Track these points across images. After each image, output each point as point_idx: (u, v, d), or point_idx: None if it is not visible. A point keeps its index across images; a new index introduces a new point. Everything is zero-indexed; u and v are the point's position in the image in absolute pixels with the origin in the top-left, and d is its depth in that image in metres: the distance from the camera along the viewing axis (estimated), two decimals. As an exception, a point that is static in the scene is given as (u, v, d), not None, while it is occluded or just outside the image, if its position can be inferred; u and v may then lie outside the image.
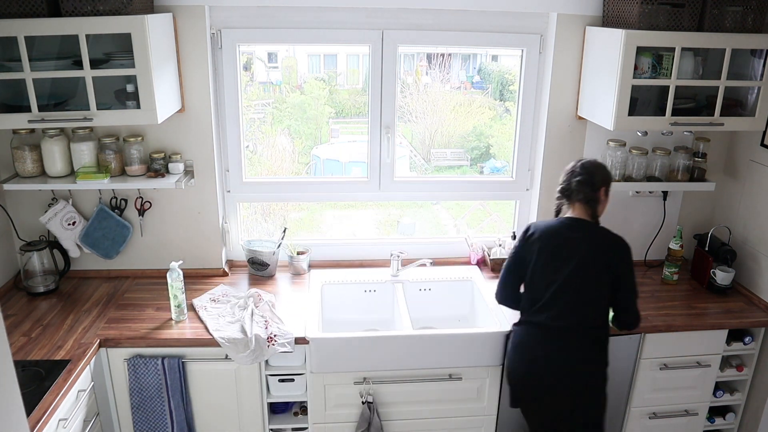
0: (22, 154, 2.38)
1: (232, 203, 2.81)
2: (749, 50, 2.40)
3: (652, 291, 2.70)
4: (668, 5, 2.28)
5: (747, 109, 2.47)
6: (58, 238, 2.60)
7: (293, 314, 2.43)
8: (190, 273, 2.68)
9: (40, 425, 1.77)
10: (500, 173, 3.33)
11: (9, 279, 2.63)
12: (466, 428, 2.49)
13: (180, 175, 2.53)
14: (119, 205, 2.66)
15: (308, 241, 2.93)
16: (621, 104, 2.32)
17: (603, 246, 2.13)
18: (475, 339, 2.33)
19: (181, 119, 2.54)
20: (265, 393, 2.38)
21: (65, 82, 2.28)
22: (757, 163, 2.63)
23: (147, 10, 2.27)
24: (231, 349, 2.23)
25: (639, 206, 2.89)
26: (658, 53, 2.35)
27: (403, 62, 2.92)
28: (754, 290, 2.64)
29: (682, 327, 2.44)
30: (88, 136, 2.44)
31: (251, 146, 3.22)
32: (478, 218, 4.35)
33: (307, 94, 3.69)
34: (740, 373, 2.60)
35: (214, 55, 2.55)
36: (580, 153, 2.76)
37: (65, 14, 2.10)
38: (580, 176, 2.16)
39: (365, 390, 2.35)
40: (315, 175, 4.17)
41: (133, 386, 2.27)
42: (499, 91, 3.56)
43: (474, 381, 2.40)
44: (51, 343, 2.18)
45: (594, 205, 2.16)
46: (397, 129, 2.74)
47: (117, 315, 2.40)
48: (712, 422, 2.70)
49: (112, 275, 2.74)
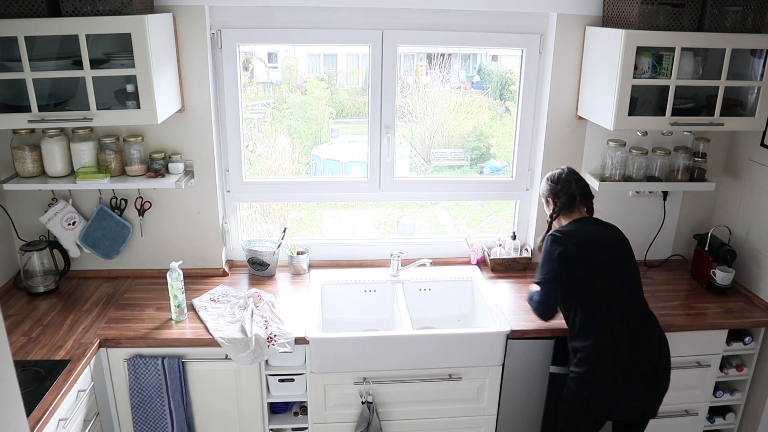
0: (22, 154, 2.38)
1: (232, 203, 2.81)
2: (749, 50, 2.40)
3: (652, 291, 2.70)
4: (668, 5, 2.28)
5: (747, 109, 2.47)
6: (58, 238, 2.60)
7: (293, 314, 2.43)
8: (190, 273, 2.68)
9: (40, 425, 1.77)
10: (500, 173, 3.33)
11: (9, 279, 2.63)
12: (466, 428, 2.49)
13: (180, 175, 2.53)
14: (119, 205, 2.66)
15: (308, 241, 2.93)
16: (621, 104, 2.32)
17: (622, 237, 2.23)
18: (475, 339, 2.33)
19: (181, 119, 2.55)
20: (265, 393, 2.38)
21: (65, 82, 2.28)
22: (757, 163, 2.63)
23: (147, 10, 2.27)
24: (231, 349, 2.23)
25: (639, 206, 2.89)
26: (658, 53, 2.35)
27: (403, 62, 2.92)
28: (754, 290, 2.64)
29: (682, 327, 2.44)
30: (88, 136, 2.44)
31: (251, 146, 3.22)
32: (478, 218, 4.35)
33: (309, 94, 3.69)
34: (740, 373, 2.60)
35: (214, 55, 2.55)
36: (580, 153, 2.76)
37: (65, 14, 2.10)
38: (578, 180, 2.24)
39: (365, 390, 2.35)
40: (315, 175, 4.17)
41: (133, 386, 2.27)
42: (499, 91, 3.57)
43: (474, 381, 2.40)
44: (51, 343, 2.18)
45: (592, 205, 2.26)
46: (397, 129, 2.74)
47: (117, 315, 2.40)
48: (712, 422, 2.71)
49: (112, 275, 2.74)
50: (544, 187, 2.29)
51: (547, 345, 2.40)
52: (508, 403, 2.48)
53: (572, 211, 2.23)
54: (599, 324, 2.10)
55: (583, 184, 2.24)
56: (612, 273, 2.14)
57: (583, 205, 2.23)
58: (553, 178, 2.26)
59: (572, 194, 2.21)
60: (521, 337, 2.37)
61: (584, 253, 2.13)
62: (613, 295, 2.12)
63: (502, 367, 2.40)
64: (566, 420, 2.24)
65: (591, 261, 2.13)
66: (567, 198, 2.21)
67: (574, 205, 2.22)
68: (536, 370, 2.43)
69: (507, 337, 2.35)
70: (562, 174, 2.25)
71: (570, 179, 2.23)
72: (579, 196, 2.21)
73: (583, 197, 2.23)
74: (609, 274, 2.14)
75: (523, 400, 2.48)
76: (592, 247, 2.15)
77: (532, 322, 2.39)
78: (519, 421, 2.53)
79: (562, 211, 2.23)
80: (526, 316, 2.44)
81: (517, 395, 2.47)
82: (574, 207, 2.22)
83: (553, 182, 2.25)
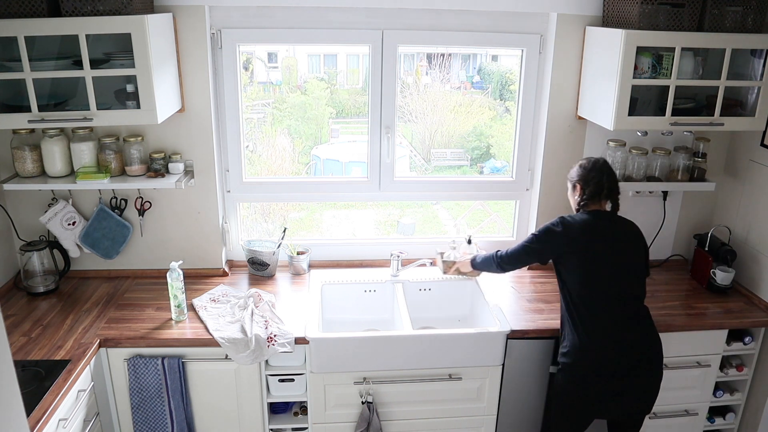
0: (22, 154, 2.38)
1: (232, 203, 2.81)
2: (749, 50, 2.40)
3: (653, 291, 2.69)
4: (668, 5, 2.28)
5: (747, 109, 2.47)
6: (58, 238, 2.60)
7: (293, 314, 2.43)
8: (190, 273, 2.68)
9: (40, 425, 1.77)
10: (500, 173, 3.33)
11: (9, 279, 2.63)
12: (466, 428, 2.49)
13: (180, 175, 2.53)
14: (119, 205, 2.66)
15: (308, 241, 2.93)
16: (621, 104, 2.32)
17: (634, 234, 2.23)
18: (475, 339, 2.33)
19: (181, 119, 2.54)
20: (265, 393, 2.38)
21: (65, 82, 2.28)
22: (757, 163, 2.63)
23: (147, 10, 2.27)
24: (231, 349, 2.23)
25: (639, 206, 2.89)
26: (658, 53, 2.35)
27: (403, 62, 2.92)
28: (754, 290, 2.64)
29: (682, 327, 2.44)
30: (88, 136, 2.44)
31: (251, 146, 3.22)
32: (478, 218, 4.35)
33: (309, 94, 3.69)
34: (740, 373, 2.60)
35: (214, 55, 2.55)
36: (580, 153, 2.76)
37: (65, 14, 2.10)
38: (610, 174, 2.22)
39: (365, 390, 2.35)
40: (315, 175, 4.17)
41: (133, 386, 2.27)
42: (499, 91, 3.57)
43: (474, 381, 2.40)
44: (51, 343, 2.18)
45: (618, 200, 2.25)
46: (397, 129, 2.74)
47: (117, 315, 2.40)
48: (712, 422, 2.71)
49: (112, 275, 2.74)
50: (575, 172, 2.26)
51: (547, 345, 2.40)
52: (508, 403, 2.48)
53: (595, 202, 2.21)
54: (589, 316, 2.12)
55: (614, 179, 2.22)
56: (610, 267, 2.14)
57: (607, 199, 2.22)
58: (587, 165, 2.23)
59: (601, 184, 2.19)
60: (521, 337, 2.37)
61: (585, 243, 2.14)
62: (612, 293, 2.13)
63: (502, 367, 2.40)
64: (555, 414, 2.27)
65: (590, 253, 2.14)
66: (596, 187, 2.19)
67: (599, 197, 2.20)
68: (536, 370, 2.43)
69: (507, 337, 2.35)
70: (597, 163, 2.23)
71: (603, 170, 2.21)
72: (607, 189, 2.20)
73: (611, 191, 2.21)
74: (606, 268, 2.14)
75: (523, 400, 2.48)
76: (600, 241, 2.15)
77: (532, 322, 2.40)
78: (519, 421, 2.53)
79: (587, 201, 2.21)
80: (527, 316, 2.44)
81: (517, 395, 2.47)
82: (599, 198, 2.21)
83: (586, 169, 2.23)
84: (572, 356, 2.14)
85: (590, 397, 2.14)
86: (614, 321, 2.11)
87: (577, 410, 2.19)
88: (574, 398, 2.17)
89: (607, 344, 2.10)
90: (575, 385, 2.15)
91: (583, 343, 2.11)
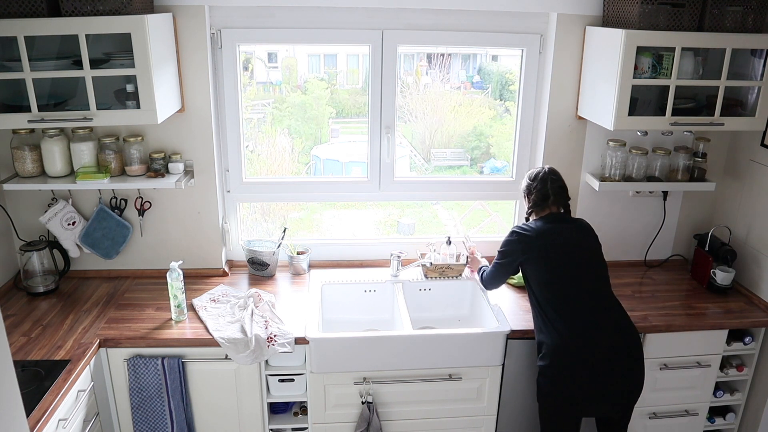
0: (22, 154, 2.38)
1: (232, 203, 2.81)
2: (749, 50, 2.40)
3: (653, 291, 2.70)
4: (668, 5, 2.28)
5: (747, 109, 2.47)
6: (58, 238, 2.60)
7: (293, 314, 2.43)
8: (190, 273, 2.68)
9: (40, 425, 1.77)
10: (500, 173, 3.33)
11: (9, 279, 2.63)
12: (466, 428, 2.49)
13: (180, 175, 2.53)
14: (119, 205, 2.66)
15: (308, 241, 2.93)
16: (621, 104, 2.32)
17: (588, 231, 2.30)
18: (475, 339, 2.33)
19: (181, 119, 2.54)
20: (265, 393, 2.38)
21: (65, 82, 2.28)
22: (757, 163, 2.63)
23: (147, 10, 2.27)
24: (231, 349, 2.23)
25: (639, 206, 2.89)
26: (658, 53, 2.35)
27: (403, 62, 2.91)
28: (754, 290, 2.64)
29: (682, 327, 2.44)
30: (88, 136, 2.44)
31: (251, 146, 3.22)
32: (478, 218, 4.35)
33: (309, 94, 3.69)
34: (740, 373, 2.60)
35: (214, 55, 2.55)
36: (580, 153, 2.76)
37: (65, 14, 2.10)
38: (555, 181, 2.29)
39: (365, 390, 2.35)
40: (315, 175, 4.17)
41: (133, 386, 2.27)
42: (499, 91, 3.56)
43: (474, 381, 2.40)
44: (51, 343, 2.18)
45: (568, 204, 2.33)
46: (397, 129, 2.74)
47: (117, 315, 2.40)
48: (712, 422, 2.70)
49: (112, 275, 2.74)
50: (523, 183, 2.39)
51: (547, 345, 2.40)
52: (508, 403, 2.48)
53: (543, 209, 2.29)
54: (560, 318, 2.13)
55: (559, 185, 2.30)
56: (574, 267, 2.19)
57: (556, 205, 2.29)
58: (531, 176, 2.35)
59: (546, 193, 2.28)
60: (521, 337, 2.37)
61: (539, 247, 2.20)
62: (574, 289, 2.16)
63: (502, 367, 2.40)
64: (542, 418, 2.28)
65: (551, 256, 2.19)
66: (539, 195, 2.28)
67: (546, 204, 2.28)
68: (536, 370, 2.43)
69: (507, 337, 2.35)
70: (540, 173, 2.32)
71: (546, 179, 2.29)
72: (553, 195, 2.27)
73: (557, 197, 2.28)
74: (570, 269, 2.18)
75: (523, 400, 2.48)
76: (554, 243, 2.21)
77: (532, 322, 2.39)
78: (519, 421, 2.53)
79: (534, 208, 2.31)
80: (527, 315, 2.44)
81: (517, 395, 2.47)
82: (547, 205, 2.28)
83: (530, 179, 2.34)
84: (548, 357, 2.15)
85: (573, 396, 2.14)
86: (582, 317, 2.13)
87: (561, 411, 2.19)
88: (557, 399, 2.17)
89: (579, 341, 2.11)
90: (555, 386, 2.16)
91: (556, 343, 2.13)
